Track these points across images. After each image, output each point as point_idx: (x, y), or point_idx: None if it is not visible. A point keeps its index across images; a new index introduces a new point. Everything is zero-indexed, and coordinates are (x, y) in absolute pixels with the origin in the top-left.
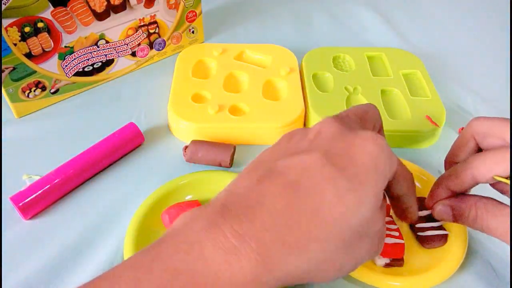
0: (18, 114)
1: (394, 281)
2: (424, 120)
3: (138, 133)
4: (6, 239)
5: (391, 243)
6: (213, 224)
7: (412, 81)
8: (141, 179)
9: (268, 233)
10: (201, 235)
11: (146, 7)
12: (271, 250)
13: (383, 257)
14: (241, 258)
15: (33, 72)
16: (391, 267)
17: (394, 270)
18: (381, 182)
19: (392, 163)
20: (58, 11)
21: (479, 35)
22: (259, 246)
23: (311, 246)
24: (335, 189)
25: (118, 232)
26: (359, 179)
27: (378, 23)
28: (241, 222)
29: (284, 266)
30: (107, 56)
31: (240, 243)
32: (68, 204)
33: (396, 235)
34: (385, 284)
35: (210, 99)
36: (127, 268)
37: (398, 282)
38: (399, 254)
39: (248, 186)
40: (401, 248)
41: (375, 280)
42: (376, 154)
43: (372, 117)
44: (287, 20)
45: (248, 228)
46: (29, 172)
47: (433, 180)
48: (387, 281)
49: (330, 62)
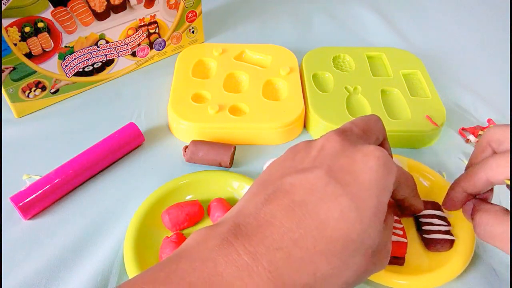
0: (18, 114)
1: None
2: (424, 120)
3: (138, 133)
4: (6, 239)
5: (394, 240)
6: (226, 242)
7: (412, 81)
8: (141, 179)
9: (278, 250)
10: (215, 253)
11: (146, 7)
12: (281, 267)
13: None
14: (253, 275)
15: (33, 72)
16: (392, 264)
17: (398, 268)
18: (383, 197)
19: (393, 175)
20: (58, 11)
21: (479, 35)
22: (270, 265)
23: (316, 260)
24: (339, 206)
25: (118, 232)
26: (362, 196)
27: (378, 23)
28: (252, 240)
29: (292, 281)
30: (107, 56)
31: (252, 261)
32: (68, 204)
33: (400, 233)
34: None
35: (210, 99)
36: (146, 282)
37: (403, 281)
38: (400, 253)
39: (257, 205)
40: (403, 247)
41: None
42: (378, 169)
43: (375, 129)
44: (287, 20)
45: (259, 246)
46: (29, 172)
47: (440, 179)
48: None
49: (330, 62)
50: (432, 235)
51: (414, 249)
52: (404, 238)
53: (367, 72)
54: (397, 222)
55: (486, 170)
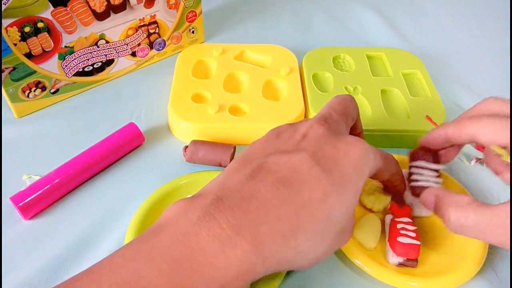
0: (18, 114)
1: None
2: (424, 120)
3: (138, 133)
4: (6, 239)
5: (406, 243)
6: (208, 215)
7: (412, 81)
8: (141, 179)
9: (262, 225)
10: (197, 226)
11: (146, 7)
12: (265, 242)
13: (396, 255)
14: (236, 248)
15: (33, 72)
16: (404, 267)
17: (410, 270)
18: (360, 183)
19: (374, 162)
20: (58, 11)
21: (479, 35)
22: (253, 238)
23: (299, 237)
24: (322, 189)
25: (118, 232)
26: (342, 183)
27: (378, 23)
28: (236, 213)
29: (275, 256)
30: (107, 56)
31: (235, 235)
32: (68, 204)
33: (413, 235)
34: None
35: (210, 99)
36: (127, 260)
37: (414, 283)
38: (413, 255)
39: (241, 180)
40: (416, 249)
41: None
42: (358, 159)
43: (351, 110)
44: (287, 20)
45: (242, 220)
46: (29, 172)
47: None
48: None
49: (330, 62)
50: (419, 183)
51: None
52: (417, 240)
53: (367, 72)
54: (410, 224)
55: (477, 125)
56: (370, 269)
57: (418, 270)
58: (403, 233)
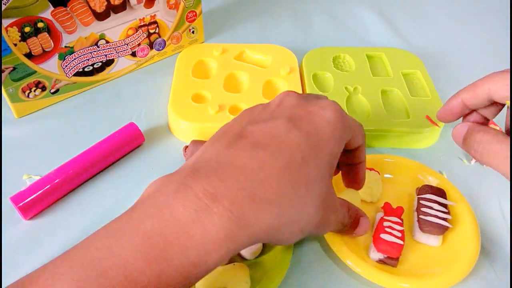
0: (18, 114)
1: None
2: (424, 120)
3: (138, 133)
4: (6, 239)
5: (389, 240)
6: (183, 185)
7: (412, 81)
8: (141, 179)
9: (241, 190)
10: (171, 198)
11: (146, 7)
12: (244, 207)
13: (377, 251)
14: (213, 216)
15: (33, 72)
16: (384, 264)
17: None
18: (338, 147)
19: (350, 127)
20: (58, 11)
21: (479, 35)
22: (231, 204)
23: (281, 202)
24: (301, 153)
25: None
26: (320, 146)
27: (378, 23)
28: (213, 181)
29: (257, 222)
30: (107, 56)
31: (212, 202)
32: (68, 204)
33: (398, 235)
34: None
35: (210, 99)
36: (99, 236)
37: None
38: (394, 254)
39: (217, 151)
40: (398, 248)
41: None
42: (334, 122)
43: None
44: (287, 20)
45: (219, 187)
46: (29, 172)
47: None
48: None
49: (330, 62)
50: (428, 217)
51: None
52: (401, 240)
53: (367, 72)
54: (399, 224)
55: (490, 84)
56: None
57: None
58: (388, 231)
